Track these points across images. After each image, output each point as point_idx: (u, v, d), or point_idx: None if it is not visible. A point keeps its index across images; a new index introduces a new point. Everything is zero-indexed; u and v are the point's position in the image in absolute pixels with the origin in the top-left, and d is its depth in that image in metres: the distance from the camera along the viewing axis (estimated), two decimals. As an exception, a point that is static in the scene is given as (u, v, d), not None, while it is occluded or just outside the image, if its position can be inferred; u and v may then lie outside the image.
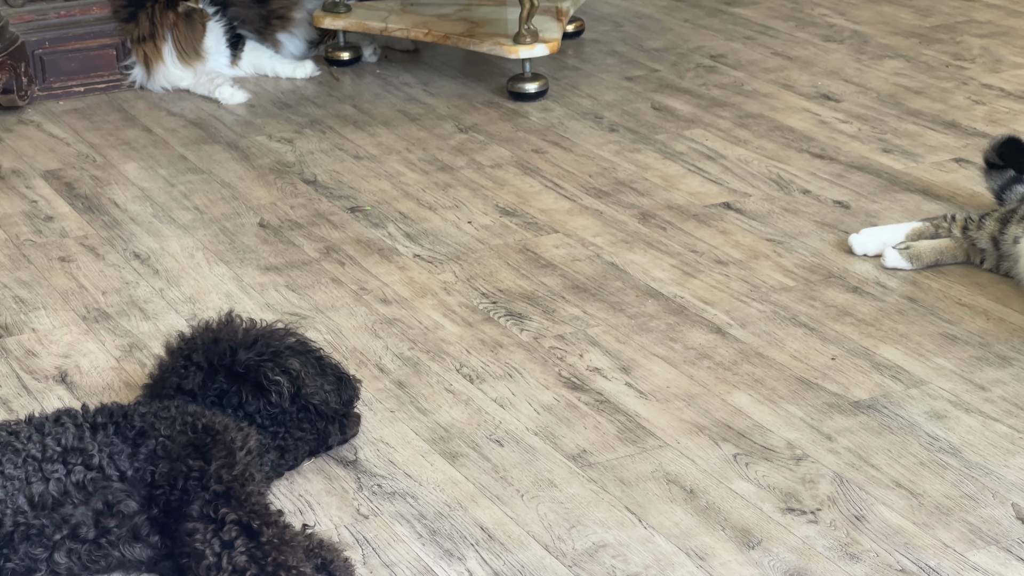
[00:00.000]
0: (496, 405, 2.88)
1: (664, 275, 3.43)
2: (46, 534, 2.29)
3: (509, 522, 2.51)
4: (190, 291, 3.35)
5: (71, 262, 3.49)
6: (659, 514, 2.53)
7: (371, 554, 2.42)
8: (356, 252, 3.56)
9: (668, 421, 2.81)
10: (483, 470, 2.66)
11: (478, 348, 3.10)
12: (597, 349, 3.09)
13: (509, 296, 3.33)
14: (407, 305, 3.29)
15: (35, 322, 3.19)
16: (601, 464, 2.68)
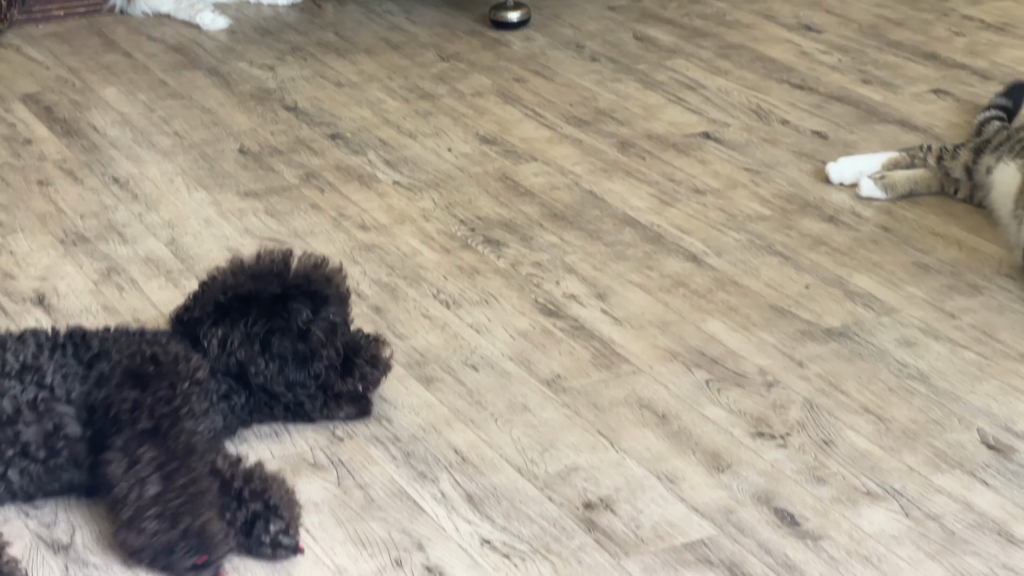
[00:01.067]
0: (472, 331, 2.90)
1: (642, 204, 3.44)
2: (0, 450, 2.29)
3: (483, 445, 2.53)
4: (169, 216, 3.36)
5: (49, 185, 3.50)
6: (631, 438, 2.56)
7: (346, 475, 2.45)
8: (336, 178, 3.57)
9: (642, 347, 2.84)
10: (458, 394, 2.68)
11: (455, 274, 3.12)
12: (573, 276, 3.11)
13: (487, 223, 3.35)
14: (385, 231, 3.31)
15: (12, 245, 3.20)
16: (575, 389, 2.70)
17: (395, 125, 3.89)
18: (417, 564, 2.23)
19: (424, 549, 2.27)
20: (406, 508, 2.37)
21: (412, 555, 2.25)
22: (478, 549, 2.27)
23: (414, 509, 2.36)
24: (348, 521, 2.33)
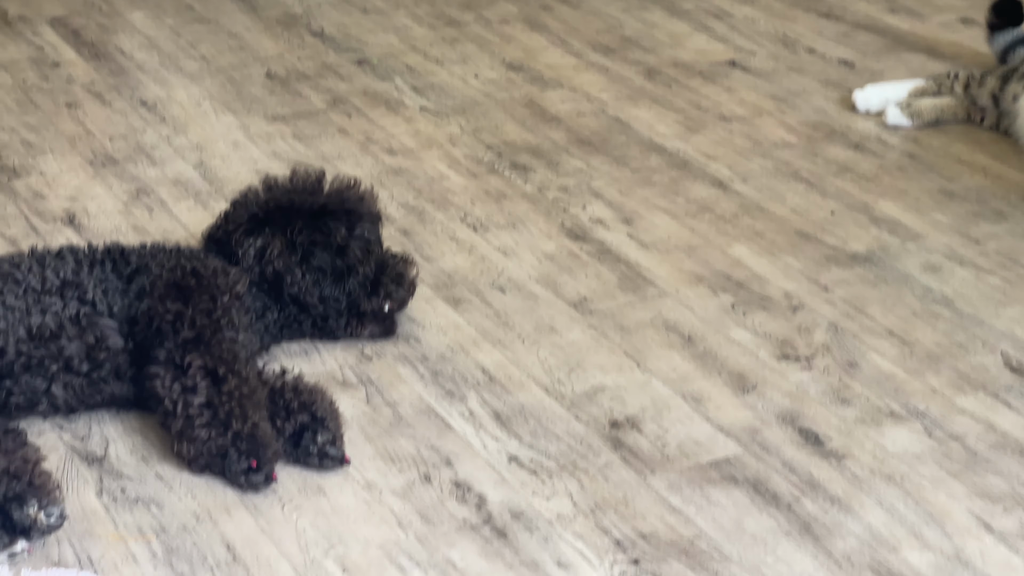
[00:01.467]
0: (499, 253, 2.92)
1: (668, 130, 3.45)
2: (44, 366, 2.32)
3: (510, 365, 2.56)
4: (197, 139, 3.38)
5: (78, 108, 3.52)
6: (657, 359, 2.58)
7: (374, 393, 2.47)
8: (363, 104, 3.58)
9: (668, 271, 2.86)
10: (485, 315, 2.71)
11: (482, 198, 3.13)
12: (600, 201, 3.12)
13: (514, 148, 3.36)
14: (413, 156, 3.32)
15: (43, 165, 3.22)
16: (601, 311, 2.72)
17: (421, 51, 3.89)
18: (446, 479, 2.26)
19: (453, 465, 2.30)
20: (434, 425, 2.40)
21: (441, 471, 2.28)
22: (506, 465, 2.30)
23: (442, 426, 2.39)
24: (377, 437, 2.36)
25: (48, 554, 2.07)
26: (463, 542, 2.13)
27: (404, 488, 2.24)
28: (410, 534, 2.14)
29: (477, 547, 2.12)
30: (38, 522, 2.05)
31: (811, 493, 2.23)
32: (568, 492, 2.24)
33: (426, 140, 3.40)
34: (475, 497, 2.23)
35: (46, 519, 2.06)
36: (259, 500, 2.20)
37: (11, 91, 3.59)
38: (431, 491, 2.24)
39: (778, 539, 2.14)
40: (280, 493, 2.22)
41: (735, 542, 2.14)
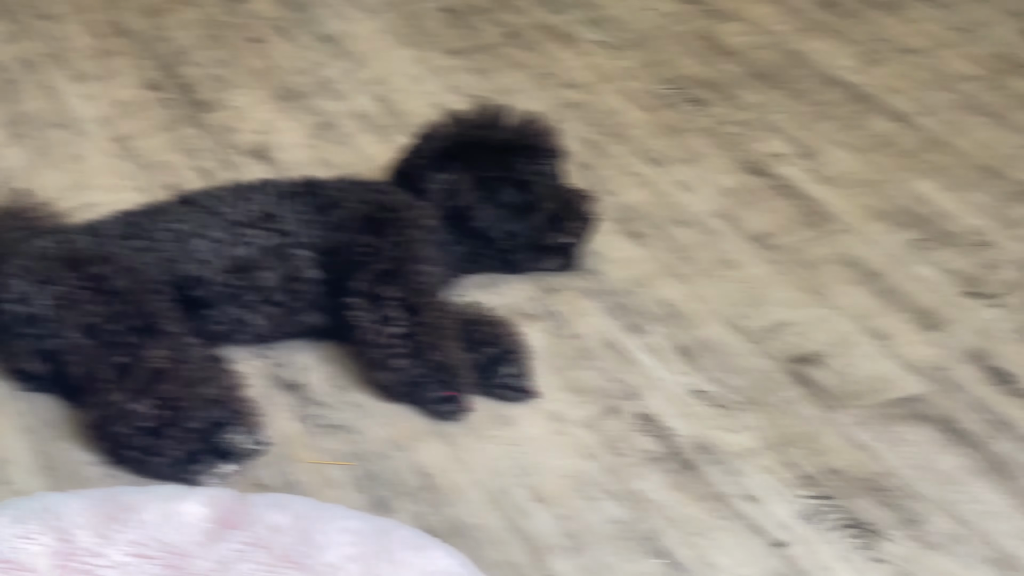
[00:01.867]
0: (678, 188, 2.93)
1: (847, 63, 3.42)
2: (244, 296, 2.40)
3: (692, 299, 2.58)
4: (378, 73, 3.43)
5: (263, 43, 3.59)
6: (840, 295, 2.58)
7: (558, 326, 2.51)
8: (538, 37, 3.60)
9: (850, 206, 2.84)
10: (666, 249, 2.72)
11: (660, 132, 3.14)
12: (779, 135, 3.11)
13: (691, 82, 3.36)
14: (590, 90, 3.34)
15: (232, 100, 3.30)
16: (783, 246, 2.73)
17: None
18: (632, 412, 2.30)
19: (638, 397, 2.33)
20: (619, 358, 2.43)
21: (626, 403, 2.32)
22: (691, 399, 2.32)
23: (626, 359, 2.42)
24: (563, 369, 2.40)
25: (251, 475, 2.15)
26: (651, 474, 2.16)
27: (591, 420, 2.28)
28: (598, 465, 2.18)
29: (666, 479, 2.15)
30: (242, 447, 2.13)
31: (1004, 432, 2.22)
32: (754, 426, 2.26)
33: (603, 74, 3.41)
34: (661, 430, 2.26)
35: (249, 444, 2.14)
36: (451, 429, 2.26)
37: (200, 27, 3.68)
38: (617, 423, 2.27)
39: (970, 478, 2.14)
40: (470, 422, 2.27)
41: (926, 480, 2.14)
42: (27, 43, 3.59)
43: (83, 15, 3.75)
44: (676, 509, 2.09)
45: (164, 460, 2.11)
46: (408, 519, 2.07)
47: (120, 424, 2.13)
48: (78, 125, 3.19)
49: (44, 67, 3.46)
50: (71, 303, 2.25)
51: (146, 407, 2.13)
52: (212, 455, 2.12)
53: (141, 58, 3.50)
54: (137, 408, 2.13)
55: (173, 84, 3.37)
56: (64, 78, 3.41)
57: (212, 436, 2.12)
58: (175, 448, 2.11)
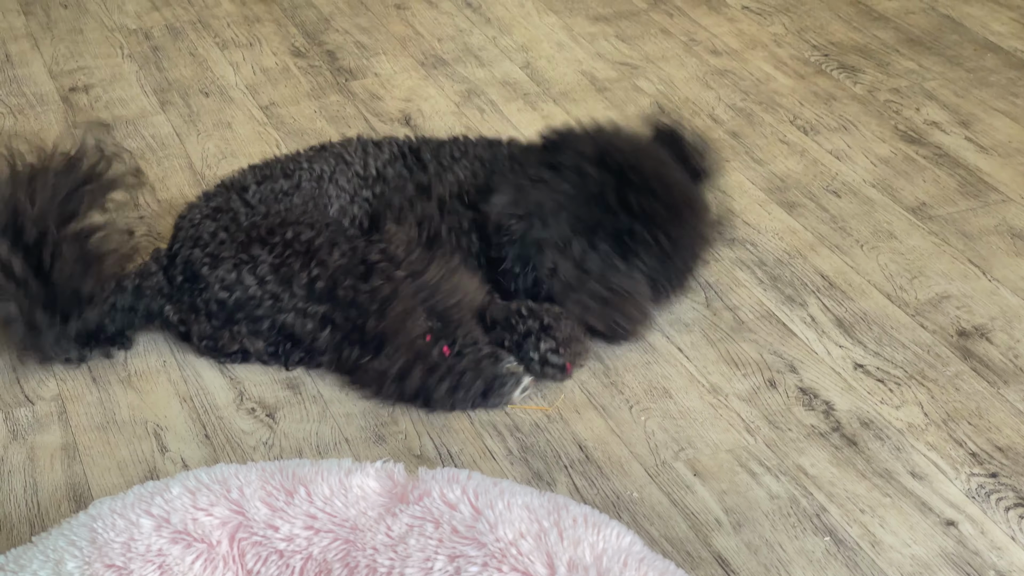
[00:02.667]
0: (832, 157, 2.87)
1: (1004, 28, 3.32)
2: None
3: (849, 271, 2.52)
4: (522, 40, 3.40)
5: (406, 9, 3.58)
6: (1004, 267, 2.51)
7: (714, 297, 2.47)
8: (684, 3, 3.55)
9: (1011, 176, 2.76)
10: (821, 220, 2.67)
11: (811, 100, 3.08)
12: (934, 103, 3.04)
13: (841, 48, 3.29)
14: (738, 56, 3.28)
15: (377, 67, 3.30)
16: (942, 217, 2.66)
17: (741, -52, 3.83)
18: (791, 385, 2.26)
19: (797, 371, 2.29)
20: (776, 331, 2.38)
21: (786, 376, 2.28)
22: (852, 373, 2.28)
23: (784, 332, 2.38)
24: (719, 341, 2.36)
25: (410, 447, 2.14)
26: (813, 449, 2.12)
27: (750, 393, 2.24)
28: (759, 439, 2.15)
29: (828, 455, 2.11)
30: (546, 359, 2.27)
31: None
32: (918, 402, 2.21)
33: (750, 40, 3.35)
34: (822, 404, 2.21)
35: (551, 361, 2.27)
36: (608, 401, 2.23)
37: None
38: (777, 397, 2.23)
39: None
40: (627, 395, 2.25)
41: (1098, 459, 2.08)
42: (172, 10, 3.61)
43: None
44: (840, 485, 2.05)
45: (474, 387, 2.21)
46: (565, 492, 2.05)
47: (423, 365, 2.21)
48: (225, 92, 3.20)
49: (189, 34, 3.48)
50: (278, 278, 2.27)
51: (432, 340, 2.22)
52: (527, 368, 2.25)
53: (285, 25, 3.51)
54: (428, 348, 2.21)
55: (317, 51, 3.37)
56: (209, 45, 3.42)
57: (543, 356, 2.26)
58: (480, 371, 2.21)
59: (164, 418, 2.21)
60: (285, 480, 1.57)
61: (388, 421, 2.20)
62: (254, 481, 1.56)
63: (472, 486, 1.57)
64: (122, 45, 3.43)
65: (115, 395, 2.27)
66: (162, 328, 2.39)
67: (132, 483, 2.06)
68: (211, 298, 2.30)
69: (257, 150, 2.96)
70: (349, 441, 2.16)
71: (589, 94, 3.13)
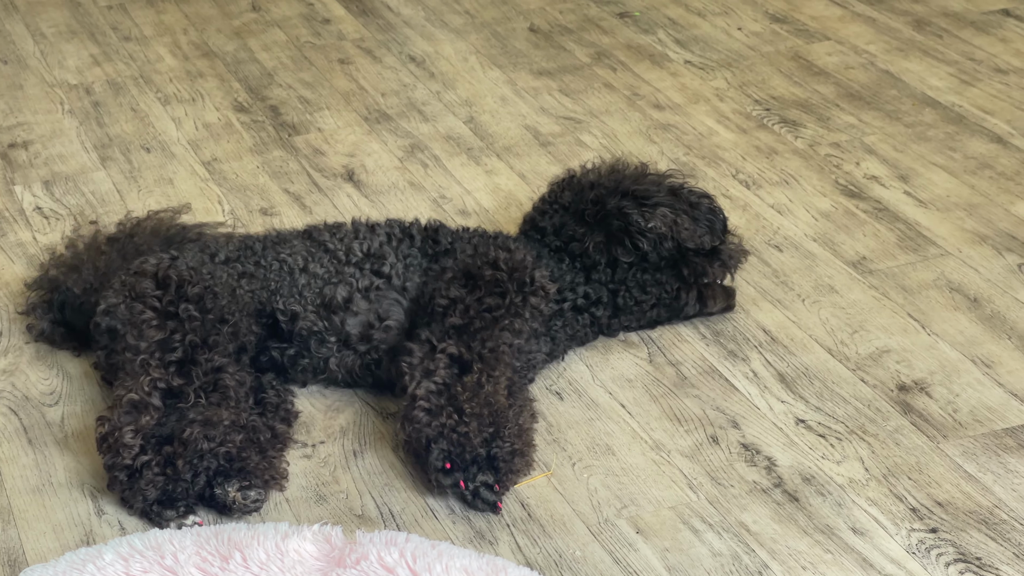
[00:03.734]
0: (773, 211, 2.89)
1: (941, 83, 3.36)
2: (327, 338, 2.34)
3: (791, 326, 2.53)
4: (466, 94, 3.41)
5: (350, 64, 3.58)
6: (943, 322, 2.52)
7: (657, 352, 2.48)
8: (627, 58, 3.57)
9: (949, 230, 2.79)
10: (763, 274, 2.68)
11: (753, 154, 3.10)
12: (874, 157, 3.06)
13: (783, 103, 3.32)
14: (680, 111, 3.30)
15: (320, 122, 3.29)
16: (882, 271, 2.68)
17: (683, 3, 3.86)
18: (734, 441, 2.26)
19: (740, 426, 2.29)
20: (719, 386, 2.39)
21: (728, 432, 2.28)
22: (793, 428, 2.28)
23: (727, 387, 2.38)
24: (662, 397, 2.36)
25: (351, 506, 2.13)
26: (755, 505, 2.12)
27: (692, 449, 2.24)
28: (701, 496, 2.14)
29: (770, 511, 2.11)
30: (236, 501, 2.08)
31: (1117, 465, 2.17)
32: (859, 457, 2.21)
33: (693, 94, 3.38)
34: (764, 460, 2.22)
35: (242, 500, 2.08)
36: (550, 458, 2.22)
37: (285, 48, 3.68)
38: (719, 453, 2.23)
39: (1084, 512, 2.09)
40: (570, 452, 2.24)
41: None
42: (113, 65, 3.60)
43: (168, 37, 3.76)
44: (782, 542, 2.05)
45: (142, 497, 2.07)
46: (508, 552, 2.04)
47: (115, 450, 2.10)
48: (167, 148, 3.19)
49: (131, 89, 3.47)
50: (146, 321, 2.23)
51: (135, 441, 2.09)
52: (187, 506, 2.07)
53: (228, 80, 3.50)
54: (128, 441, 2.09)
55: (261, 106, 3.37)
56: (151, 100, 3.41)
57: (210, 486, 2.08)
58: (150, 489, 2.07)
59: (102, 480, 2.18)
60: (220, 545, 1.55)
61: (329, 480, 2.19)
62: (188, 547, 1.54)
63: (410, 549, 1.56)
64: (62, 100, 3.42)
65: (51, 456, 2.25)
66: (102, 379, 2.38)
67: (68, 547, 2.03)
68: (97, 323, 2.32)
69: (199, 206, 2.94)
70: (289, 501, 2.14)
71: (533, 148, 3.14)
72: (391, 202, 2.94)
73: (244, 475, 2.10)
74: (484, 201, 2.94)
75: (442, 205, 2.93)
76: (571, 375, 2.42)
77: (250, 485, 2.09)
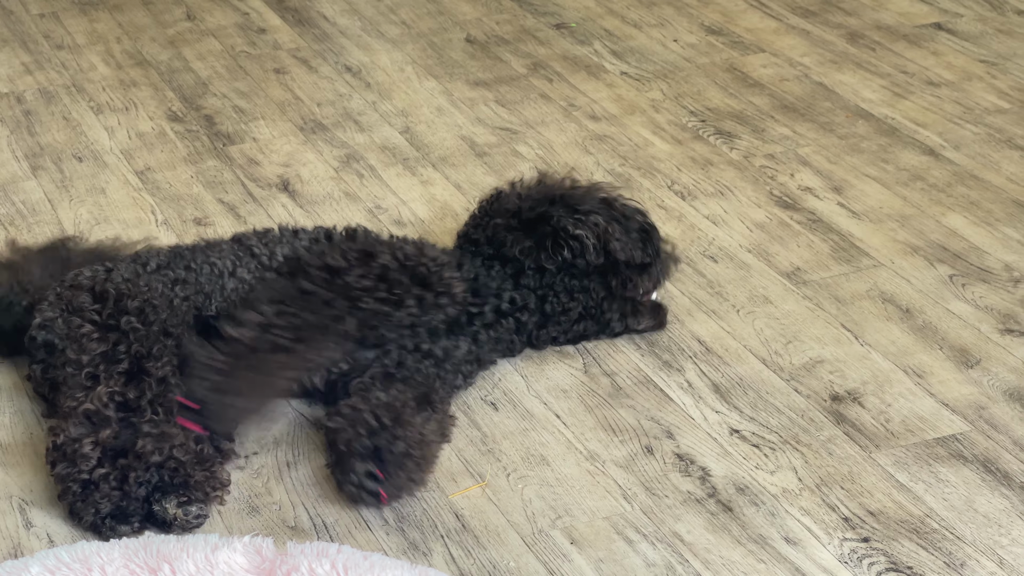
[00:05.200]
0: (709, 222, 2.90)
1: (874, 96, 3.39)
2: None
3: (726, 336, 2.54)
4: (402, 104, 3.40)
5: (286, 74, 3.57)
6: (875, 332, 2.54)
7: (592, 363, 2.48)
8: (563, 68, 3.57)
9: (882, 241, 2.81)
10: (698, 285, 2.69)
11: (688, 165, 3.11)
12: (808, 169, 3.08)
13: (718, 114, 3.33)
14: (616, 122, 3.31)
15: (255, 132, 3.28)
16: (815, 282, 2.69)
17: (619, 15, 3.87)
18: (668, 451, 2.26)
19: (674, 437, 2.29)
20: (654, 396, 2.39)
21: (663, 442, 2.28)
22: (728, 438, 2.29)
23: (662, 397, 2.39)
24: (597, 408, 2.36)
25: (284, 518, 2.11)
26: (689, 516, 2.13)
27: (627, 459, 2.25)
28: (636, 506, 2.15)
29: (704, 521, 2.11)
30: (176, 517, 2.06)
31: (1045, 473, 2.19)
32: (792, 467, 2.22)
33: (629, 105, 3.38)
34: (699, 470, 2.22)
35: (183, 516, 2.06)
36: (485, 468, 2.22)
37: (221, 57, 3.66)
38: (654, 463, 2.24)
39: (1012, 520, 2.10)
40: (504, 462, 2.24)
41: (968, 522, 2.10)
42: (45, 73, 3.56)
43: (101, 46, 3.73)
44: (715, 552, 2.06)
45: (94, 510, 2.05)
46: (442, 563, 2.03)
47: (72, 460, 2.08)
48: (99, 157, 3.16)
49: (63, 98, 3.43)
50: (86, 335, 2.21)
51: (94, 453, 2.07)
52: (148, 521, 2.06)
53: (162, 89, 3.48)
54: (87, 452, 2.07)
55: (195, 116, 3.35)
56: (84, 109, 3.38)
57: (149, 502, 2.06)
58: (104, 503, 2.05)
59: (30, 492, 2.16)
60: (149, 557, 1.53)
61: (262, 492, 2.17)
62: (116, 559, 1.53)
63: (342, 560, 1.55)
64: (-6, 109, 3.38)
65: (-20, 468, 2.22)
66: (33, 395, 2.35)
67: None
68: (33, 337, 2.29)
69: (132, 216, 2.92)
70: (221, 513, 2.12)
71: (468, 159, 3.14)
72: (326, 212, 2.93)
73: (184, 490, 2.08)
74: (420, 211, 2.93)
75: (377, 215, 2.92)
76: (506, 385, 2.42)
77: (190, 500, 2.07)
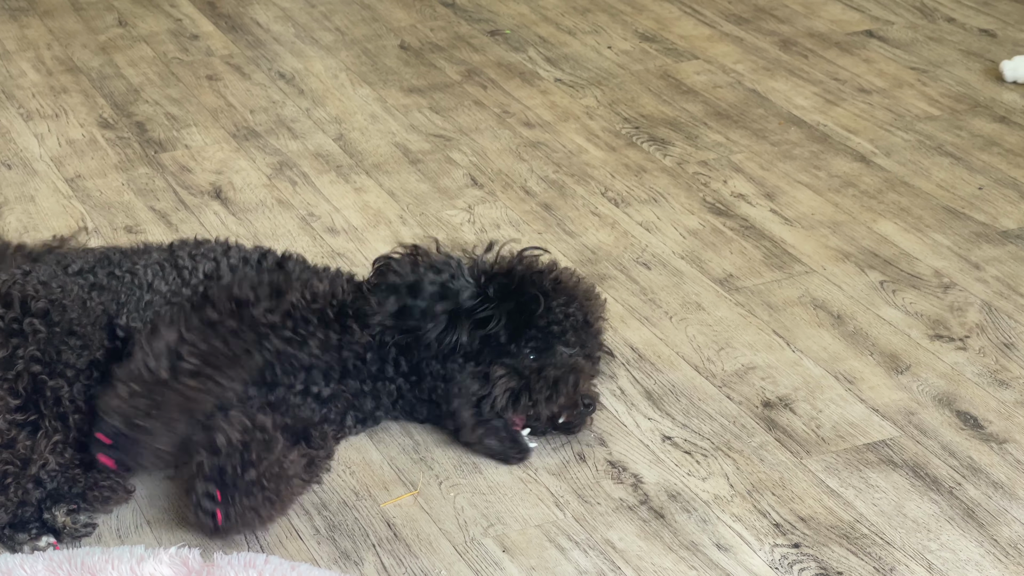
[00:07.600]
0: (642, 229, 2.90)
1: (807, 103, 3.41)
2: None
3: (659, 343, 2.55)
4: (335, 111, 3.39)
5: (218, 80, 3.55)
6: (807, 338, 2.56)
7: (524, 370, 2.47)
8: (497, 75, 3.57)
9: (814, 247, 2.83)
10: (631, 292, 2.70)
11: (622, 172, 3.12)
12: (741, 175, 3.10)
13: (651, 121, 3.34)
14: (550, 129, 3.31)
15: (187, 139, 3.25)
16: (748, 288, 2.70)
17: (553, 22, 3.88)
18: (601, 459, 2.26)
19: (607, 444, 2.30)
20: (586, 403, 2.39)
21: (595, 450, 2.28)
22: (660, 445, 2.29)
23: (594, 404, 2.39)
24: (530, 415, 2.36)
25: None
26: (621, 523, 2.13)
27: (559, 467, 2.25)
28: (568, 514, 2.15)
29: (636, 528, 2.12)
30: (65, 525, 2.04)
31: (973, 478, 2.20)
32: (724, 473, 2.23)
33: (563, 112, 3.39)
34: (631, 477, 2.22)
35: (72, 524, 2.04)
36: (417, 477, 2.21)
37: (153, 64, 3.63)
38: (586, 471, 2.24)
39: (941, 525, 2.12)
40: (437, 470, 2.23)
41: (897, 527, 2.11)
42: (-24, 80, 3.53)
43: (32, 52, 3.69)
44: (647, 559, 2.06)
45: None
46: (373, 572, 2.02)
47: None
48: (28, 164, 3.13)
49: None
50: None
51: None
52: (40, 527, 2.04)
53: (93, 96, 3.45)
54: None
55: (126, 122, 3.32)
56: (13, 116, 3.35)
57: (40, 509, 2.05)
58: (4, 513, 2.02)
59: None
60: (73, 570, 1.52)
61: (192, 502, 2.15)
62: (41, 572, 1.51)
63: (269, 571, 1.54)
64: (-78, 115, 3.34)
65: (-96, 481, 2.18)
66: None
67: (-80, 573, 1.98)
68: None
69: (62, 224, 2.89)
70: (150, 523, 2.10)
71: (402, 166, 3.13)
72: (259, 220, 2.92)
73: (74, 499, 2.06)
74: (353, 219, 2.92)
75: (310, 223, 2.90)
76: (439, 393, 2.41)
77: (78, 509, 2.05)
